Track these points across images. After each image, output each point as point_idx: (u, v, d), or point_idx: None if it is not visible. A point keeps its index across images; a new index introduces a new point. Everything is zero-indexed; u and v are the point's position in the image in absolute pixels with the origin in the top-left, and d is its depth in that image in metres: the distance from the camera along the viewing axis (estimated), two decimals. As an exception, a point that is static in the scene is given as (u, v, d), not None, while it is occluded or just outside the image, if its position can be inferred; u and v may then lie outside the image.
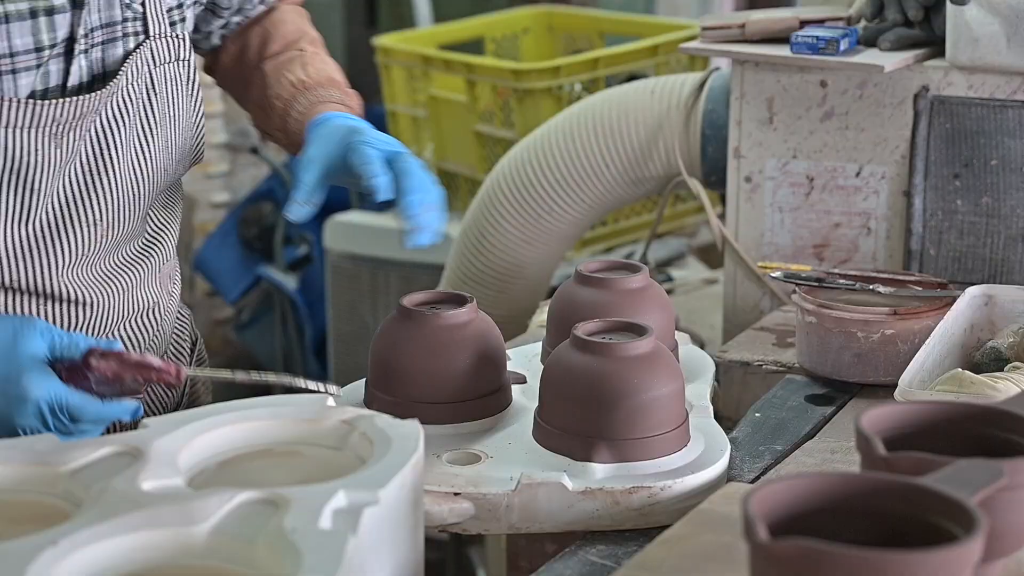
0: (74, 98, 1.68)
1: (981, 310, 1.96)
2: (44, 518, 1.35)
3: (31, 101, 1.65)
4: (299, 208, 1.72)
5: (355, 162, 1.72)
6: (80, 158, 1.71)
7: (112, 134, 1.74)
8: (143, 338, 1.84)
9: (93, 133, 1.72)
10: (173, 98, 1.80)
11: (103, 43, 1.72)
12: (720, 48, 2.34)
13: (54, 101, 1.66)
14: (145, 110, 1.76)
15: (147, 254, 1.83)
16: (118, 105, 1.73)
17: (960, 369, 1.76)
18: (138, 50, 1.75)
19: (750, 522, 1.15)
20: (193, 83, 1.84)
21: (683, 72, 2.92)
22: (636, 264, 1.91)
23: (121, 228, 1.77)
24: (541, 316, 2.34)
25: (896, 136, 2.25)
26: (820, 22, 2.32)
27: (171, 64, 1.79)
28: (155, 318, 1.86)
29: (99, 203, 1.74)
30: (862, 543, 1.17)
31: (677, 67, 3.28)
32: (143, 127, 1.76)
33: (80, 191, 1.72)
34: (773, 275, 2.09)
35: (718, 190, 2.63)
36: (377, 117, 4.06)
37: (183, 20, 1.83)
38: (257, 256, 4.32)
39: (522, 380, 1.80)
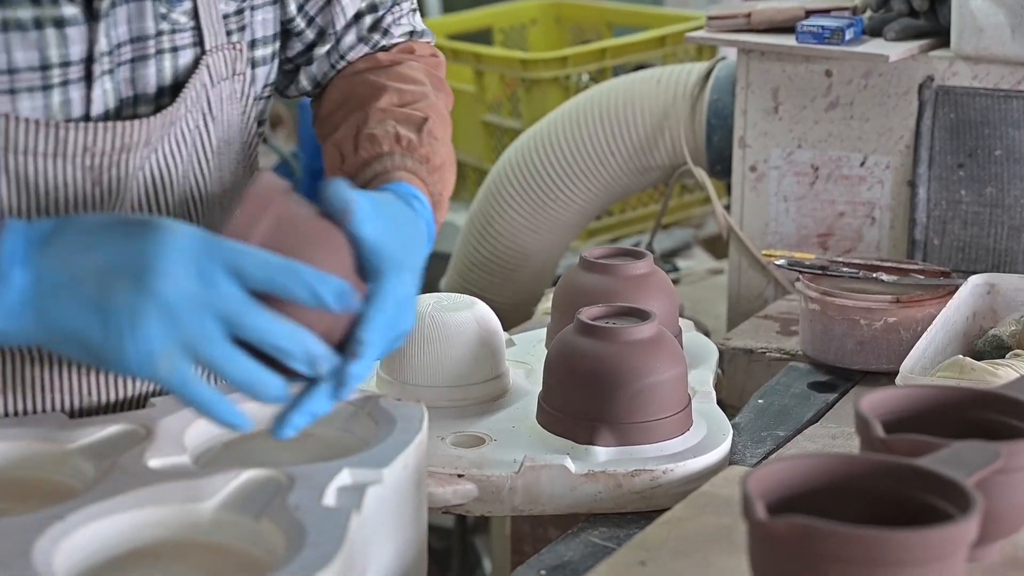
0: (115, 123, 1.43)
1: (983, 298, 1.97)
2: (52, 495, 1.36)
3: (54, 122, 1.40)
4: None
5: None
6: (130, 199, 1.47)
7: (166, 170, 1.50)
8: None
9: (145, 171, 1.47)
10: (228, 121, 1.56)
11: (132, 61, 1.46)
12: (725, 37, 2.35)
13: (87, 124, 1.42)
14: (201, 140, 1.53)
15: None
16: (174, 136, 1.49)
17: (961, 356, 1.77)
18: (197, 69, 1.49)
19: (748, 501, 1.16)
20: (247, 100, 1.59)
21: (690, 63, 2.93)
22: (640, 251, 1.93)
23: None
24: (546, 304, 2.35)
25: (901, 126, 2.26)
26: (826, 12, 2.32)
27: (227, 81, 1.54)
28: None
29: None
30: (859, 523, 1.18)
31: (685, 58, 3.29)
32: (199, 157, 1.53)
33: None
34: (777, 263, 2.10)
35: (723, 179, 2.64)
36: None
37: (242, 28, 1.56)
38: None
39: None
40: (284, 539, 1.25)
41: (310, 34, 1.68)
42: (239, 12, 1.56)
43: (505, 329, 1.86)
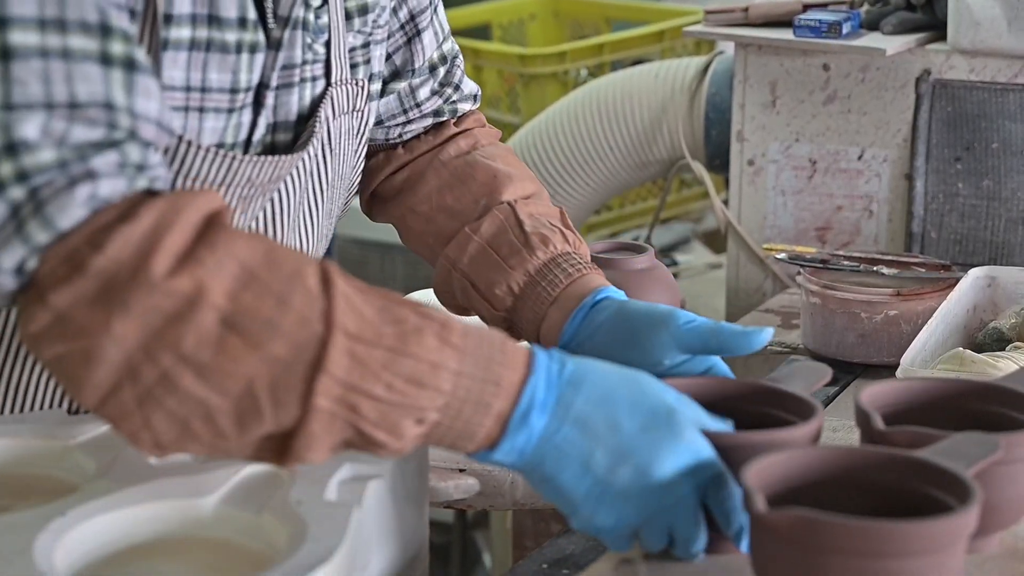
0: (280, 155, 1.42)
1: (984, 291, 1.97)
2: (53, 492, 1.36)
3: (220, 151, 1.38)
4: None
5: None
6: (256, 229, 1.46)
7: (282, 199, 1.48)
8: None
9: (263, 201, 1.46)
10: (344, 154, 1.53)
11: (278, 87, 1.45)
12: (723, 32, 2.35)
13: (256, 157, 1.41)
14: (318, 172, 1.50)
15: None
16: (296, 167, 1.47)
17: (961, 349, 1.77)
18: (323, 100, 1.48)
19: (748, 493, 1.17)
20: (361, 137, 1.57)
21: (688, 57, 2.94)
22: (641, 245, 1.93)
23: None
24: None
25: (898, 119, 2.27)
26: (823, 6, 2.33)
27: (347, 115, 1.52)
28: None
29: None
30: (859, 514, 1.19)
31: (683, 53, 3.29)
32: (314, 190, 1.50)
33: None
34: (778, 256, 2.10)
35: (722, 173, 2.65)
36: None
37: (367, 62, 1.55)
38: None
39: None
40: (286, 534, 1.25)
41: (386, 70, 1.65)
42: (365, 46, 1.55)
43: (505, 325, 1.86)
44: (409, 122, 1.69)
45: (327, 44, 1.49)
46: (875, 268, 2.02)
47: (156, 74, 1.31)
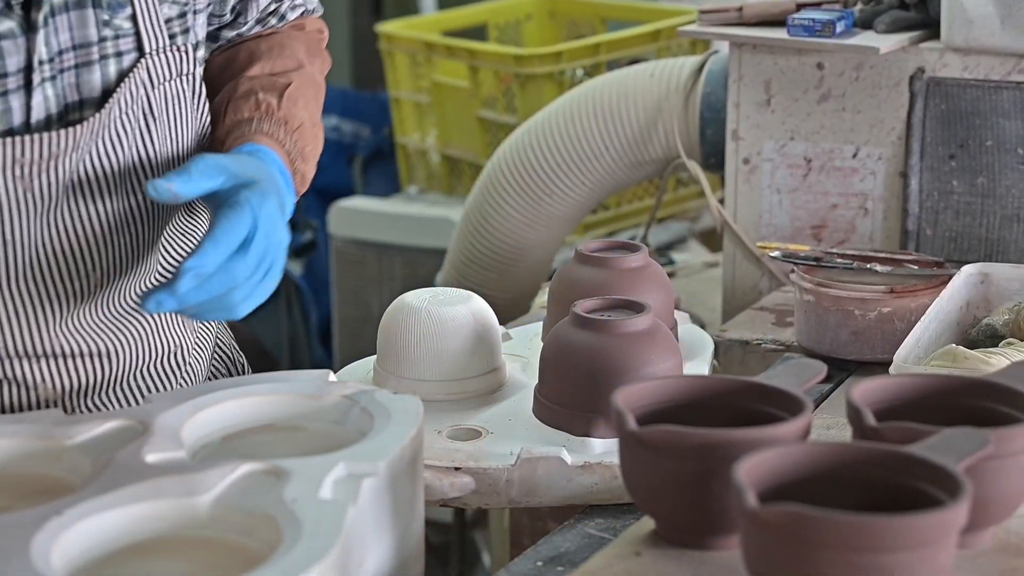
0: (41, 135, 1.48)
1: (977, 288, 1.98)
2: (49, 491, 1.37)
3: None
4: (165, 191, 1.46)
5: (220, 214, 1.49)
6: (66, 202, 1.51)
7: (102, 171, 1.54)
8: (168, 384, 1.67)
9: (80, 173, 1.51)
10: (176, 120, 1.60)
11: (76, 67, 1.50)
12: (717, 31, 2.36)
13: (15, 138, 1.46)
14: (142, 138, 1.56)
15: None
16: (109, 138, 1.53)
17: (954, 345, 1.78)
18: (132, 71, 1.54)
19: (740, 489, 1.18)
20: (199, 98, 1.64)
21: (684, 57, 2.94)
22: (636, 244, 1.93)
23: (121, 272, 1.57)
24: (542, 298, 2.36)
25: (892, 117, 2.27)
26: (817, 5, 2.33)
27: (171, 81, 1.58)
28: (178, 361, 1.68)
29: (92, 249, 1.54)
30: (850, 510, 1.19)
31: (679, 52, 3.30)
32: (139, 158, 1.56)
33: (68, 239, 1.52)
34: (772, 254, 2.11)
35: (717, 172, 2.65)
36: (382, 104, 4.10)
37: (186, 31, 1.60)
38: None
39: None
40: (280, 532, 1.26)
41: (227, 20, 1.74)
42: (182, 16, 1.60)
43: (502, 323, 1.87)
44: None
45: (132, 18, 1.54)
46: (868, 265, 2.02)
47: None
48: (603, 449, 1.62)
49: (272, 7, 1.78)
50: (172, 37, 1.59)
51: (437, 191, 3.74)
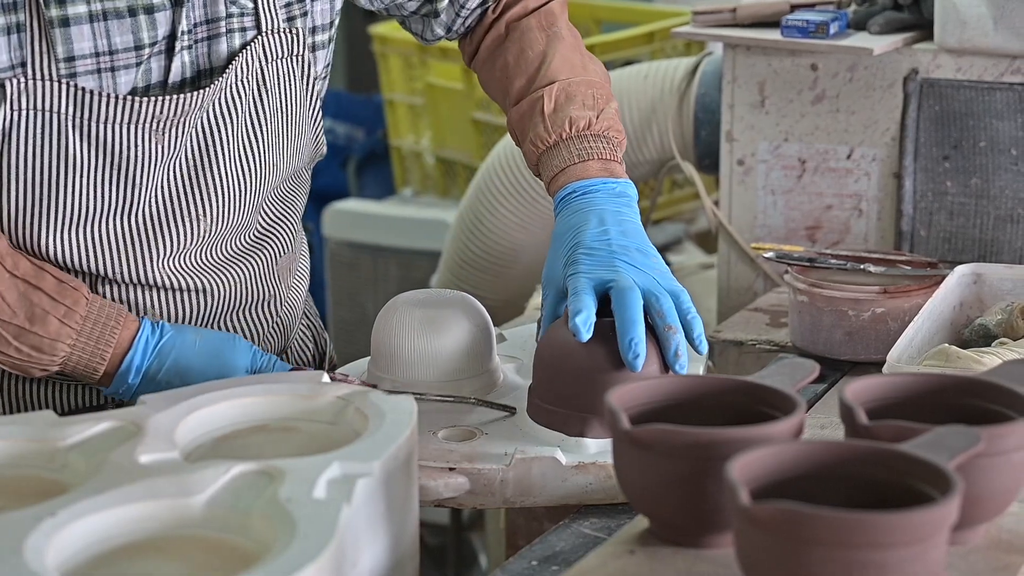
0: (176, 96, 1.67)
1: (970, 288, 1.98)
2: (43, 492, 1.37)
3: (131, 98, 1.64)
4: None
5: (569, 291, 1.67)
6: (185, 153, 1.71)
7: (219, 131, 1.72)
8: (260, 330, 1.85)
9: (200, 129, 1.71)
10: (286, 94, 1.78)
11: (208, 39, 1.70)
12: (711, 32, 2.36)
13: (155, 98, 1.65)
14: (255, 106, 1.75)
15: (261, 246, 1.83)
16: (226, 101, 1.72)
17: (947, 344, 1.78)
18: (248, 46, 1.72)
19: (732, 487, 1.18)
20: (308, 78, 1.80)
21: (677, 58, 2.94)
22: (629, 245, 1.93)
23: (226, 222, 1.76)
24: (537, 299, 2.36)
25: (886, 118, 2.28)
26: (810, 6, 2.34)
27: (283, 60, 1.76)
28: (271, 311, 1.86)
29: (204, 198, 1.73)
30: (843, 507, 1.20)
31: (673, 53, 3.30)
32: (252, 123, 1.75)
33: (184, 186, 1.72)
34: (766, 255, 2.11)
35: (712, 173, 2.66)
36: (376, 106, 4.10)
37: (304, 14, 1.78)
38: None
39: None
40: (275, 532, 1.26)
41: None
42: (300, 0, 1.77)
43: (496, 325, 1.87)
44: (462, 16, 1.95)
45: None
46: (862, 266, 2.02)
47: (53, 46, 1.61)
48: (597, 449, 1.63)
49: None
50: (291, 19, 1.77)
51: (431, 193, 3.74)
